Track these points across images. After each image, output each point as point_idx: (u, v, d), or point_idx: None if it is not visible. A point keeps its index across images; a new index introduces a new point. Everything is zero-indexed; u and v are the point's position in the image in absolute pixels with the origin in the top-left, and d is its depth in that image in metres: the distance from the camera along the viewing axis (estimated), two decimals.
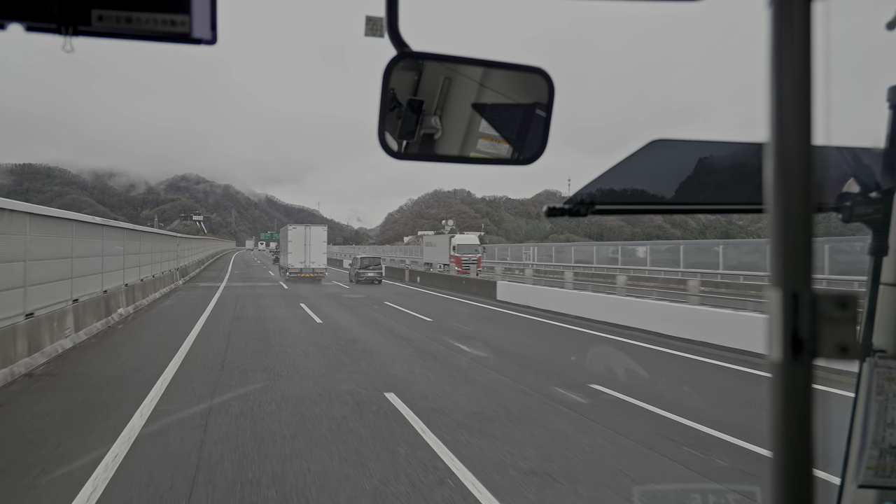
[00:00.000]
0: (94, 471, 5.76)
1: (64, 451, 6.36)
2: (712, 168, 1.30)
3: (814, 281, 0.65)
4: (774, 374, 0.65)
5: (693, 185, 1.31)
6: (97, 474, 5.67)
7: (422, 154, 1.17)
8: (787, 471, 0.65)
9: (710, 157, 1.31)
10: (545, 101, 1.19)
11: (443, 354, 12.35)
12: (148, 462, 5.99)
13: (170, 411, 7.86)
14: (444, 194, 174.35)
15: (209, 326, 16.38)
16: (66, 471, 5.82)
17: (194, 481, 5.51)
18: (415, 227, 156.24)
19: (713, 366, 11.65)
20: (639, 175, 1.26)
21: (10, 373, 9.56)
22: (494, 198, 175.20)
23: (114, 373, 10.38)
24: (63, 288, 13.35)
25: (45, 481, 5.60)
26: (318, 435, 6.97)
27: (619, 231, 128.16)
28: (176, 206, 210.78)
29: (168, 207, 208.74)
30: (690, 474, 5.94)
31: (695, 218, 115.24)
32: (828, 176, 1.23)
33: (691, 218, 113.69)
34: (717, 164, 1.30)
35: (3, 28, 0.76)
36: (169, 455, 6.20)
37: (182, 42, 0.82)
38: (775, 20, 0.65)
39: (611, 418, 7.81)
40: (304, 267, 36.39)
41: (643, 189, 1.30)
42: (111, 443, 6.53)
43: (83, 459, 6.08)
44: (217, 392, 8.91)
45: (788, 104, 0.65)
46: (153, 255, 27.34)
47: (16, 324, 10.19)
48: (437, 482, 5.63)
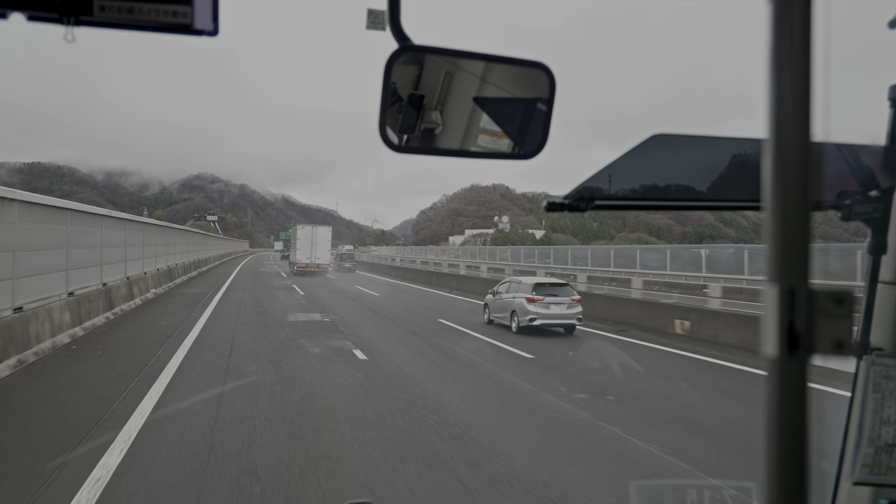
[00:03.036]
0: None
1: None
2: (711, 164, 1.30)
3: (811, 277, 0.65)
4: (770, 369, 0.65)
5: (692, 181, 1.31)
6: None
7: (422, 148, 1.17)
8: (782, 467, 0.65)
9: (710, 153, 1.31)
10: (546, 95, 1.19)
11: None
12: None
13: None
14: (481, 190, 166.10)
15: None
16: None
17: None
18: (454, 225, 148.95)
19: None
20: (638, 170, 1.26)
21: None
22: (534, 193, 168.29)
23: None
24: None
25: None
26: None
27: (668, 230, 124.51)
28: (189, 206, 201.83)
29: (181, 207, 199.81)
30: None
31: (744, 215, 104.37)
32: (827, 173, 1.23)
33: (741, 216, 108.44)
34: (717, 160, 1.30)
35: (4, 17, 0.76)
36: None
37: (183, 33, 0.82)
38: (775, 15, 0.65)
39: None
40: (310, 262, 41.36)
41: (643, 184, 1.29)
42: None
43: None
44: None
45: (788, 100, 0.65)
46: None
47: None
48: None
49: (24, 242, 11.39)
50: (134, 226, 23.06)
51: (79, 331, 13.63)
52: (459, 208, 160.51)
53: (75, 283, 14.71)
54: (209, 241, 58.12)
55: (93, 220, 17.16)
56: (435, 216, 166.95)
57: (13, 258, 10.90)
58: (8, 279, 10.63)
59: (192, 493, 5.15)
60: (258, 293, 26.42)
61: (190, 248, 40.64)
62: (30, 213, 11.83)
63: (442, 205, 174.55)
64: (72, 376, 9.60)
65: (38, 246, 12.15)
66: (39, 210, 12.46)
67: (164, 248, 29.25)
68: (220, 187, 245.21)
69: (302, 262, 41.41)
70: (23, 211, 11.43)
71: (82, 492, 5.17)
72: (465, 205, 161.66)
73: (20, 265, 11.17)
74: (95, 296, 15.87)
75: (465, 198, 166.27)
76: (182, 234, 38.95)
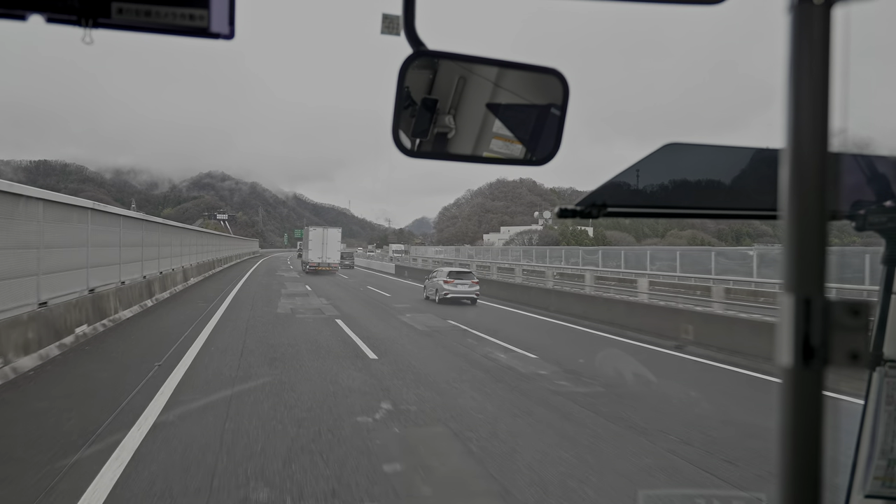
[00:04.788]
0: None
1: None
2: (725, 173, 1.30)
3: (827, 288, 0.65)
4: (785, 379, 0.65)
5: (706, 190, 1.30)
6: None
7: (435, 153, 1.18)
8: (795, 477, 0.65)
9: (723, 162, 1.30)
10: (560, 101, 1.19)
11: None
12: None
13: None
14: (508, 184, 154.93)
15: None
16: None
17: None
18: (481, 222, 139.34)
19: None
20: (651, 178, 1.26)
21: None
22: (561, 189, 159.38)
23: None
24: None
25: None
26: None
27: (701, 225, 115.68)
28: (199, 205, 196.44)
29: (190, 206, 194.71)
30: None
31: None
32: (842, 183, 1.22)
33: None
34: (730, 169, 1.30)
35: (23, 19, 0.77)
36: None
37: (200, 36, 0.83)
38: (795, 26, 0.65)
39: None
40: (322, 261, 43.83)
41: (655, 192, 1.29)
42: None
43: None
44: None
45: (806, 110, 0.64)
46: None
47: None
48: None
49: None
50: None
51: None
52: (486, 204, 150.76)
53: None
54: (207, 240, 42.00)
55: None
56: (459, 213, 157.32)
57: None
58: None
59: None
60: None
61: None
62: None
63: (465, 201, 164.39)
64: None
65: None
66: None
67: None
68: (230, 185, 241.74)
69: (314, 262, 43.87)
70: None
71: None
72: (491, 200, 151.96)
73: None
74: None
75: (492, 193, 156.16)
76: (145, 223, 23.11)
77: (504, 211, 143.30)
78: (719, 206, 1.34)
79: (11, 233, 9.85)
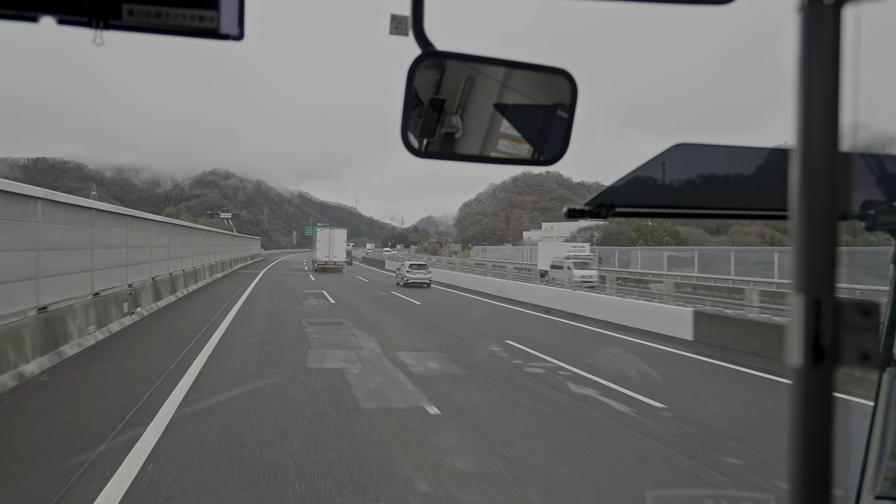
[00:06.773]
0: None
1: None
2: (734, 173, 1.29)
3: (837, 288, 0.64)
4: (795, 380, 0.65)
5: (715, 190, 1.30)
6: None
7: (443, 153, 1.18)
8: (805, 478, 0.65)
9: (732, 162, 1.30)
10: (568, 102, 1.19)
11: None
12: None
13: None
14: (534, 178, 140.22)
15: None
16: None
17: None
18: (509, 219, 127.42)
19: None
20: (660, 178, 1.26)
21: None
22: (587, 183, 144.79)
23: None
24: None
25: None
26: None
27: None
28: (202, 203, 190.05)
29: (193, 204, 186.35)
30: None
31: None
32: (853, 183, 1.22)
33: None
34: (739, 169, 1.29)
35: (35, 21, 0.77)
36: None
37: (210, 37, 0.83)
38: (804, 26, 0.65)
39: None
40: (329, 260, 48.07)
41: (664, 192, 1.29)
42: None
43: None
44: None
45: (816, 110, 0.64)
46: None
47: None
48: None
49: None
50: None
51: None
52: (513, 199, 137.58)
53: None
54: (194, 237, 30.03)
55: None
56: (484, 210, 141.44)
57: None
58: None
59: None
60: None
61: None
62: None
63: (488, 195, 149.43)
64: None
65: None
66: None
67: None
68: (234, 183, 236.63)
69: (322, 260, 47.98)
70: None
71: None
72: (517, 195, 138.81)
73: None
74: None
75: (517, 187, 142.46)
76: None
77: (533, 206, 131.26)
78: (728, 206, 1.34)
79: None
